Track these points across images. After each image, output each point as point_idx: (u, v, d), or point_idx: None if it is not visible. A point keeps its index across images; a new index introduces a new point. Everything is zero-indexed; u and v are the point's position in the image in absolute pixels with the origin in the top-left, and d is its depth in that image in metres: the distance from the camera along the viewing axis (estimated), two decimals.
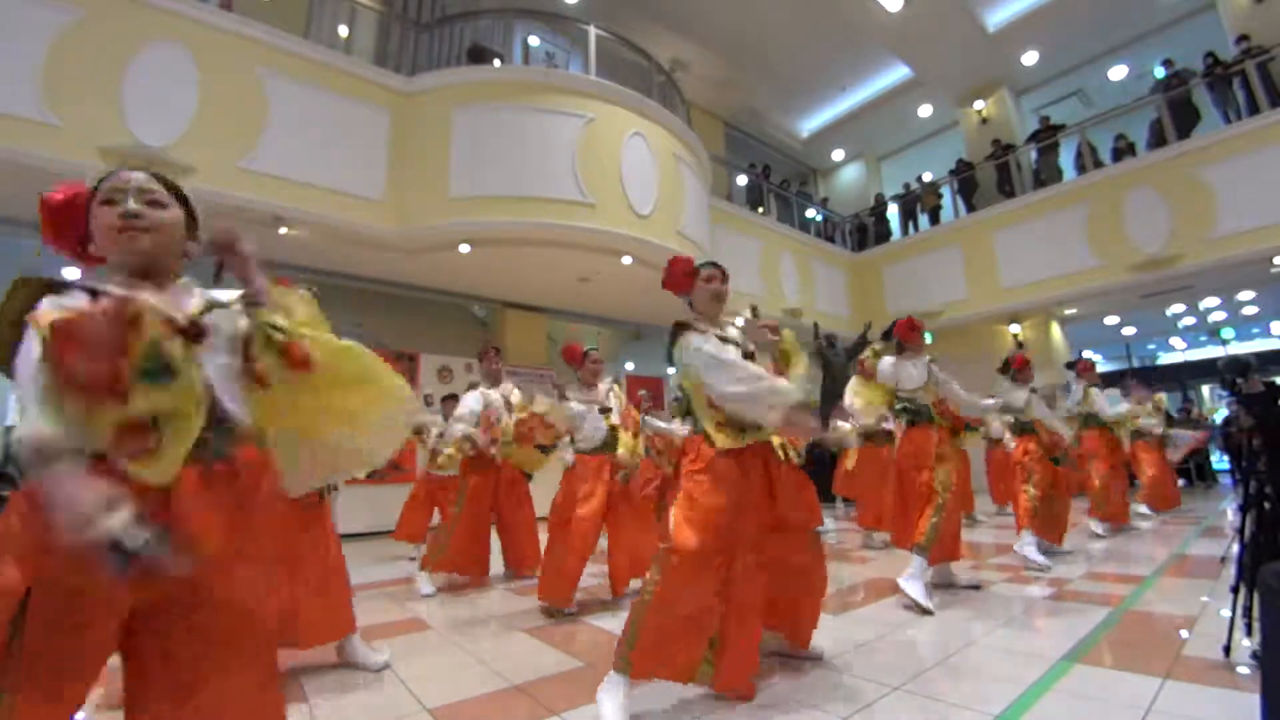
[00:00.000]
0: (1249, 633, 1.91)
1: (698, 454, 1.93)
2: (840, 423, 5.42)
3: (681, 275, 2.10)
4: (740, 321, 2.22)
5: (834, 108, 11.59)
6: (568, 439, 3.40)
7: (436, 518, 4.60)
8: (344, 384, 1.25)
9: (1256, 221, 6.70)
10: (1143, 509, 5.72)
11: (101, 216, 1.10)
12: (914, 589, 2.82)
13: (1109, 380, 6.68)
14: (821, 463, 8.55)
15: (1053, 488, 3.94)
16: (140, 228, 1.09)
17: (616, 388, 3.47)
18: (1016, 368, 4.06)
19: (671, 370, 2.18)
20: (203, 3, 4.96)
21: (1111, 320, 10.69)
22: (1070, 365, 4.92)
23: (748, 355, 1.99)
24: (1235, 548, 2.16)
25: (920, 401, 3.26)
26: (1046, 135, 9.19)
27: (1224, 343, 12.76)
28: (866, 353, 3.48)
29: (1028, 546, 3.73)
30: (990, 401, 3.56)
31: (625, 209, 6.09)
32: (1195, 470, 9.66)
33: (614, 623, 2.83)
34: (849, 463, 5.77)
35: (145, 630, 1.00)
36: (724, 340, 1.98)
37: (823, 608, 2.93)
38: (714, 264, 2.13)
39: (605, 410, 3.29)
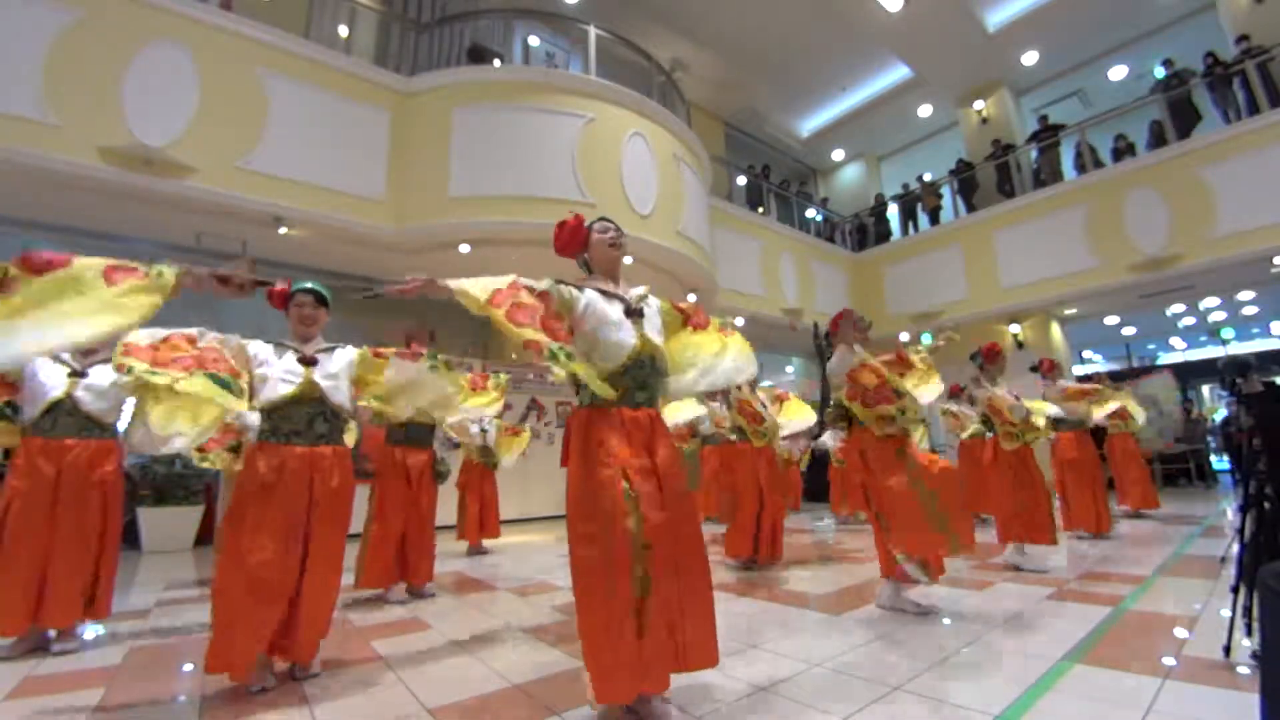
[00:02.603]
0: (1249, 633, 1.91)
1: None
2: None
3: (571, 235, 1.93)
4: (740, 322, 2.27)
5: (834, 108, 11.59)
6: None
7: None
8: None
9: (1256, 221, 6.70)
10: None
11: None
12: (898, 604, 2.78)
13: (1111, 380, 6.59)
14: (823, 463, 8.56)
15: (1026, 489, 3.74)
16: None
17: None
18: (985, 358, 3.90)
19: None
20: (203, 2, 4.96)
21: (1111, 320, 10.69)
22: (1034, 368, 4.75)
23: (632, 313, 1.87)
24: (1235, 548, 2.16)
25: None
26: (1046, 135, 9.19)
27: (1224, 343, 12.75)
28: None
29: (1015, 556, 3.73)
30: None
31: (625, 209, 6.08)
32: (1195, 470, 9.66)
33: None
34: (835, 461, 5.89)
35: None
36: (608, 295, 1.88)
37: (823, 608, 2.95)
38: (605, 219, 2.03)
39: None
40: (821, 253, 10.52)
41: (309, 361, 2.23)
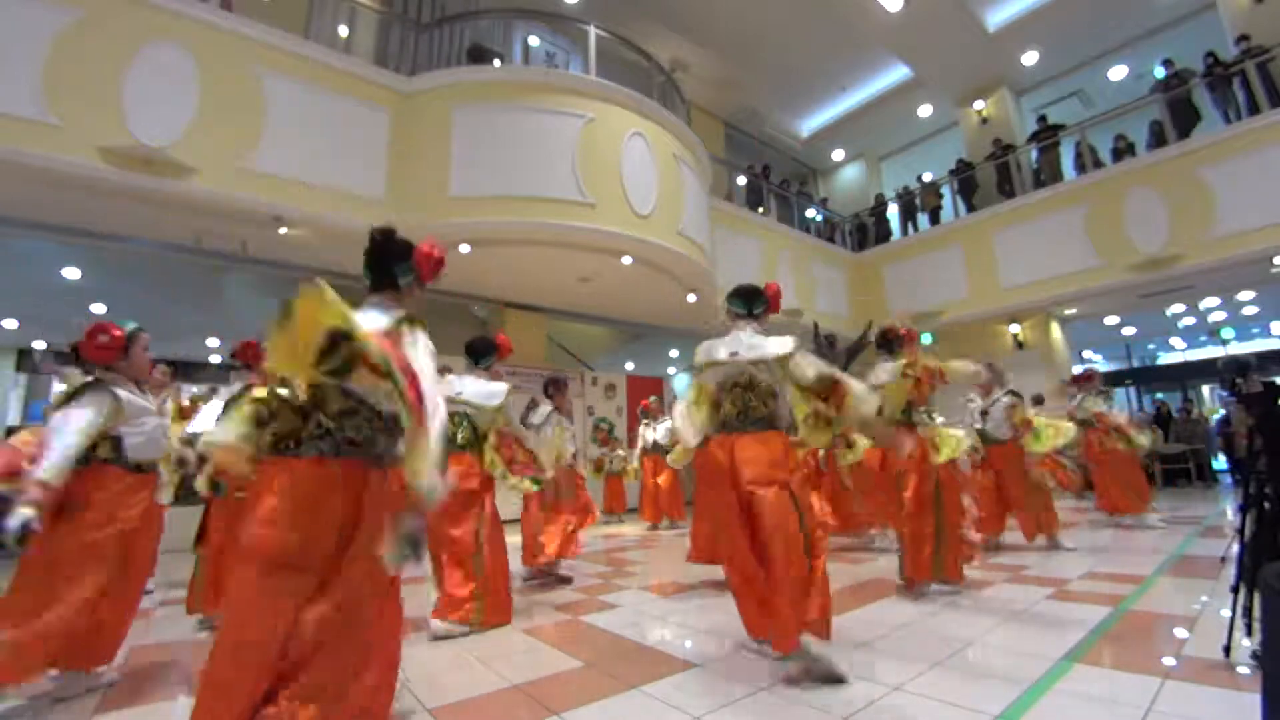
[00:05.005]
0: (1249, 633, 1.91)
1: None
2: None
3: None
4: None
5: (834, 108, 11.59)
6: None
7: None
8: None
9: (1256, 221, 6.69)
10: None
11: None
12: None
13: (1111, 380, 6.58)
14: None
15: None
16: None
17: None
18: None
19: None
20: (203, 2, 4.96)
21: (1111, 320, 10.68)
22: (1075, 380, 4.51)
23: None
24: (1235, 548, 2.16)
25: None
26: (1046, 135, 9.18)
27: (1224, 343, 12.74)
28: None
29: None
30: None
31: (625, 209, 6.08)
32: (1195, 470, 9.65)
33: (613, 622, 2.83)
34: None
35: None
36: None
37: None
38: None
39: None
40: (822, 253, 10.52)
41: None
